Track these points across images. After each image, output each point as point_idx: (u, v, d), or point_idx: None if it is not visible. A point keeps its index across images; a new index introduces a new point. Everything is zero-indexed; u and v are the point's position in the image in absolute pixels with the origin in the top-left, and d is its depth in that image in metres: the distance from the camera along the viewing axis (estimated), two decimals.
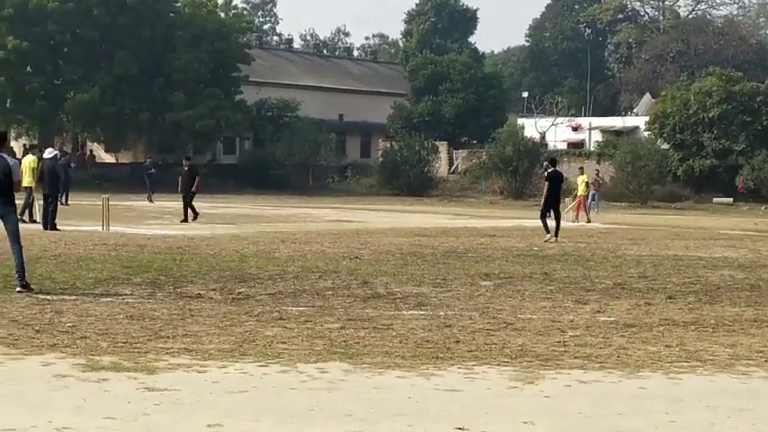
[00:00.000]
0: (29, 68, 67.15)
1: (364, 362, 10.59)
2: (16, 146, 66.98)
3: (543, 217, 29.10)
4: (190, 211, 34.17)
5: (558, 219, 29.32)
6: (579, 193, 42.21)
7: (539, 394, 9.32)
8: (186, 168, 35.67)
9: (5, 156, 16.27)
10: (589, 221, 40.32)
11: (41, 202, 29.68)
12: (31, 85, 66.64)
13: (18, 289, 15.21)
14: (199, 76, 68.99)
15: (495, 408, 8.75)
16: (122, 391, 9.06)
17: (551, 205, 29.27)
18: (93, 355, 10.59)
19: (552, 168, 31.60)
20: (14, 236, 15.75)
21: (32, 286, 15.43)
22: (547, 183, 29.99)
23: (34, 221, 29.67)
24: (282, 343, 11.54)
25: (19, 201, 21.34)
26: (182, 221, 33.32)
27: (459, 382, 9.76)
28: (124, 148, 72.77)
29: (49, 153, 31.89)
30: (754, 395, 9.52)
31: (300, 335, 12.11)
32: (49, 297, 14.87)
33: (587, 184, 43.66)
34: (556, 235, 28.49)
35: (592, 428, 8.03)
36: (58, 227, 28.34)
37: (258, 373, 9.95)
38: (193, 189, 34.23)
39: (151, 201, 50.75)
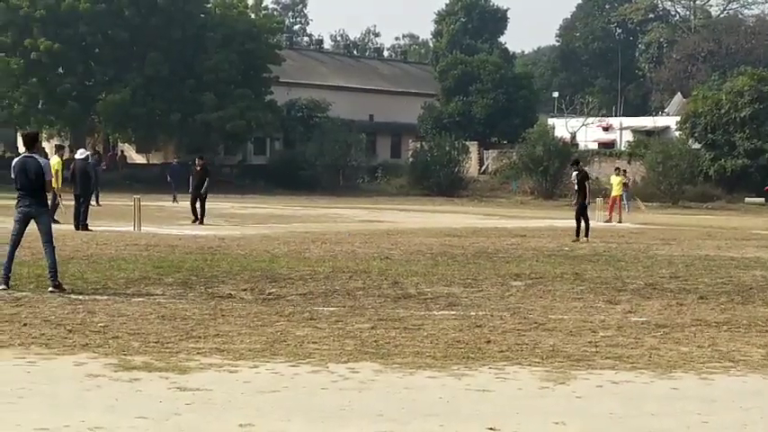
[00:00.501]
0: (60, 69, 67.45)
1: (395, 362, 10.60)
2: (48, 147, 67.52)
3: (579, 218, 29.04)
4: (195, 213, 33.94)
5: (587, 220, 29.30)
6: (614, 194, 42.03)
7: (570, 395, 9.31)
8: (198, 168, 35.46)
9: (37, 156, 16.37)
10: (621, 221, 40.20)
11: (65, 204, 29.76)
12: (62, 86, 66.92)
13: (50, 289, 15.28)
14: (229, 77, 69.14)
15: (527, 408, 8.75)
16: (154, 390, 9.11)
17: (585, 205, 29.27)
18: (125, 354, 10.64)
19: (580, 167, 31.67)
20: (47, 236, 15.84)
21: (65, 286, 15.48)
22: (578, 182, 29.95)
23: (56, 222, 29.73)
24: (313, 343, 11.55)
25: None
26: (192, 222, 33.17)
27: (491, 382, 9.76)
28: (155, 148, 73.04)
29: (80, 154, 31.95)
30: None
31: (331, 335, 12.12)
32: (81, 297, 14.91)
33: (625, 184, 43.55)
34: (578, 234, 28.54)
35: (623, 429, 8.02)
36: (89, 227, 28.45)
37: (289, 373, 9.97)
38: (203, 190, 33.79)
39: (175, 201, 50.74)
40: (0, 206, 34.90)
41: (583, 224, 28.78)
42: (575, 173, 31.14)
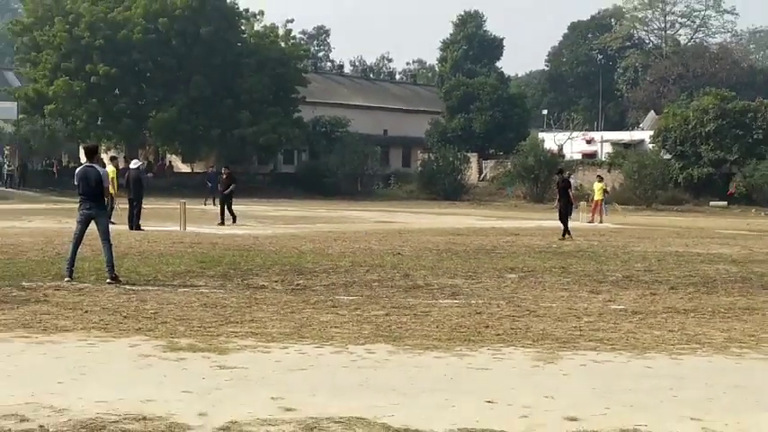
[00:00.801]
0: (117, 91, 67.60)
1: (406, 344, 10.61)
2: (106, 157, 67.54)
3: (563, 218, 29.01)
4: (225, 214, 33.47)
5: (565, 219, 29.27)
6: (596, 198, 42.03)
7: (558, 372, 9.33)
8: (224, 176, 35.35)
9: (97, 166, 16.45)
10: (602, 222, 40.12)
11: (120, 207, 29.81)
12: (118, 105, 67.15)
13: (108, 281, 15.34)
14: (262, 97, 69.25)
15: (520, 384, 8.75)
16: (198, 368, 9.13)
17: (568, 207, 29.26)
18: (172, 337, 10.67)
19: (563, 174, 31.71)
20: (105, 235, 15.89)
21: (120, 278, 15.54)
22: (560, 187, 29.92)
23: (112, 223, 29.74)
24: (335, 327, 11.57)
25: None
26: (219, 224, 32.66)
27: (489, 361, 9.78)
28: (198, 159, 73.10)
29: (134, 164, 32.13)
30: (747, 373, 9.49)
31: (351, 320, 12.14)
32: (134, 288, 14.96)
33: (605, 190, 43.50)
34: (567, 233, 28.49)
35: (604, 402, 7.99)
36: (142, 227, 28.49)
37: (314, 354, 9.98)
38: (227, 192, 33.62)
39: (212, 204, 50.23)
40: (65, 209, 35.06)
41: (562, 223, 28.80)
42: (558, 180, 31.11)
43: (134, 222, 28.67)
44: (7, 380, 8.43)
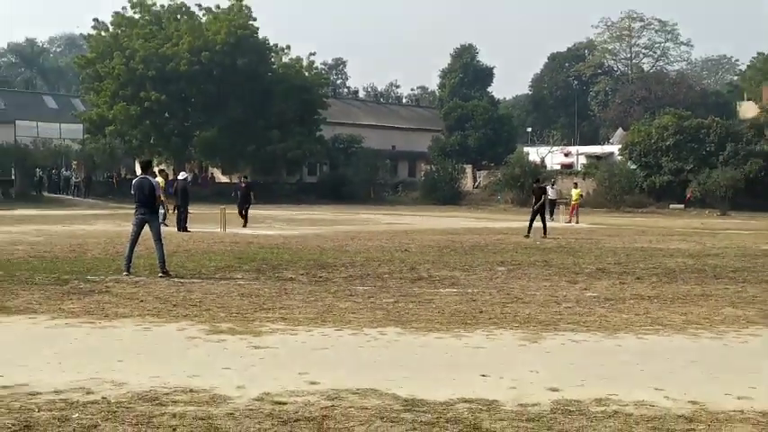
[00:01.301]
0: (166, 114, 67.72)
1: (412, 327, 10.62)
2: (156, 170, 67.74)
3: (533, 219, 28.92)
4: (244, 219, 32.62)
5: (543, 220, 29.23)
6: (573, 202, 42.00)
7: (541, 350, 9.35)
8: (243, 186, 35.02)
9: (150, 178, 16.52)
10: (578, 222, 40.05)
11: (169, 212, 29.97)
12: (167, 126, 67.32)
13: (160, 275, 15.38)
14: (289, 119, 69.29)
15: (509, 360, 8.77)
16: (236, 348, 9.16)
17: (541, 211, 29.18)
18: (214, 322, 10.69)
19: (539, 183, 31.68)
20: (157, 236, 15.93)
21: (170, 273, 15.56)
22: (535, 194, 29.81)
23: (165, 225, 29.74)
24: (352, 313, 11.59)
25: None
26: (243, 226, 31.79)
27: (483, 341, 9.79)
28: (236, 171, 73.08)
29: (182, 176, 32.24)
30: (702, 351, 9.49)
31: (365, 307, 12.15)
32: (182, 280, 14.98)
33: (581, 195, 43.47)
34: (545, 232, 28.41)
35: (580, 375, 8.01)
36: (188, 229, 28.53)
37: (335, 336, 10.01)
38: (249, 203, 33.03)
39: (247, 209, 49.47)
40: (122, 214, 35.11)
41: (542, 222, 28.70)
42: (534, 188, 30.92)
43: (182, 225, 28.73)
44: (75, 359, 8.47)
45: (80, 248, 21.28)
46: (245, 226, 31.45)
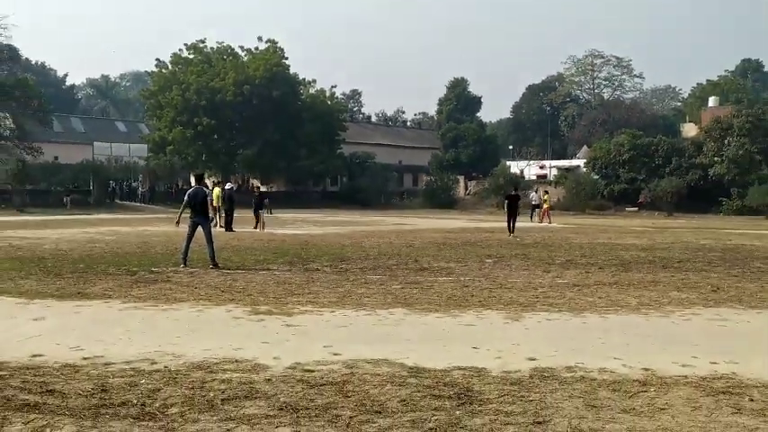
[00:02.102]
0: (215, 136, 67.69)
1: (416, 308, 10.60)
2: (208, 182, 68.20)
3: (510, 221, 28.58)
4: (260, 221, 30.80)
5: (514, 222, 28.49)
6: (545, 206, 41.91)
7: (522, 327, 9.32)
8: (258, 194, 33.19)
9: (203, 188, 16.58)
10: (550, 222, 39.96)
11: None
12: (216, 146, 67.37)
13: (211, 267, 15.40)
14: (315, 139, 69.25)
15: (496, 336, 8.75)
16: (273, 326, 9.17)
17: (514, 214, 28.75)
18: (255, 305, 10.70)
19: (513, 192, 31.54)
20: (208, 235, 15.97)
21: (219, 265, 15.59)
22: (507, 200, 29.54)
23: (215, 226, 29.57)
24: (367, 297, 11.57)
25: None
26: (254, 228, 30.10)
27: (473, 320, 9.77)
28: (271, 182, 73.25)
29: (228, 186, 32.41)
30: (653, 326, 9.46)
31: (377, 292, 12.13)
32: (228, 271, 15.00)
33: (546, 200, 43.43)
34: (512, 231, 27.91)
35: (553, 347, 7.99)
36: (234, 229, 28.56)
37: (353, 315, 10.00)
38: (262, 209, 30.95)
39: (269, 213, 47.93)
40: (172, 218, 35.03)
41: (512, 224, 28.33)
42: (509, 194, 30.58)
43: (228, 226, 28.78)
44: (142, 336, 8.50)
45: (145, 246, 21.36)
46: (255, 227, 30.62)
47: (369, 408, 5.78)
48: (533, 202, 43.61)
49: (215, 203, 29.56)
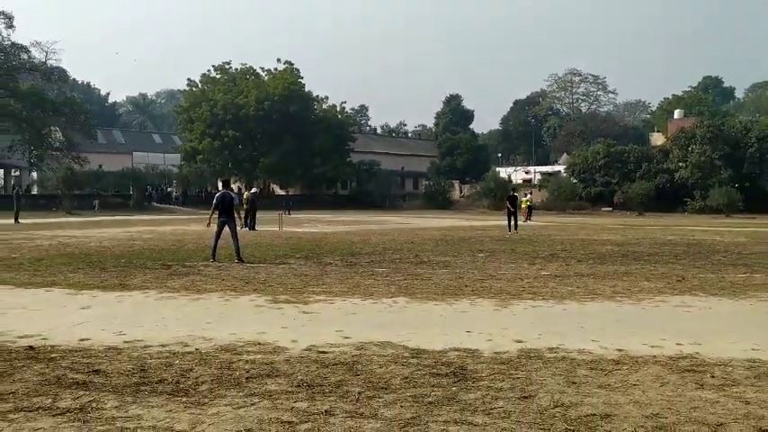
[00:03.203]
0: (239, 146, 67.88)
1: (417, 297, 10.59)
2: (234, 186, 68.40)
3: (509, 220, 28.72)
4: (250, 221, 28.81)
5: (516, 220, 28.88)
6: (523, 207, 41.84)
7: (510, 313, 9.29)
8: (252, 196, 30.51)
9: (230, 192, 16.58)
10: (531, 220, 39.90)
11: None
12: (240, 155, 67.50)
13: (236, 261, 15.38)
14: (328, 149, 69.33)
15: (486, 321, 8.73)
16: (291, 313, 9.16)
17: (513, 213, 28.96)
18: (275, 295, 10.69)
19: (512, 193, 31.50)
20: (234, 234, 15.97)
21: (244, 260, 15.59)
22: (509, 201, 29.68)
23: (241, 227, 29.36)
24: (374, 287, 11.55)
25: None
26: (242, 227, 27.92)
27: (467, 307, 9.75)
28: (289, 187, 73.32)
29: (254, 190, 32.40)
30: (625, 313, 9.43)
31: (383, 283, 12.11)
32: (251, 265, 14.99)
33: (529, 201, 43.31)
34: (516, 228, 28.18)
35: (538, 331, 7.98)
36: (257, 228, 28.58)
37: (361, 303, 9.99)
38: (253, 210, 28.56)
39: (289, 213, 47.41)
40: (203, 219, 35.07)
41: (513, 222, 28.48)
42: (508, 196, 30.72)
43: (251, 226, 28.75)
44: (176, 322, 8.50)
45: (179, 243, 21.39)
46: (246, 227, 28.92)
47: (375, 384, 5.78)
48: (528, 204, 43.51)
49: (244, 206, 29.60)
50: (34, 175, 65.54)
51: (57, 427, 4.68)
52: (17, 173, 66.27)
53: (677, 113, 78.85)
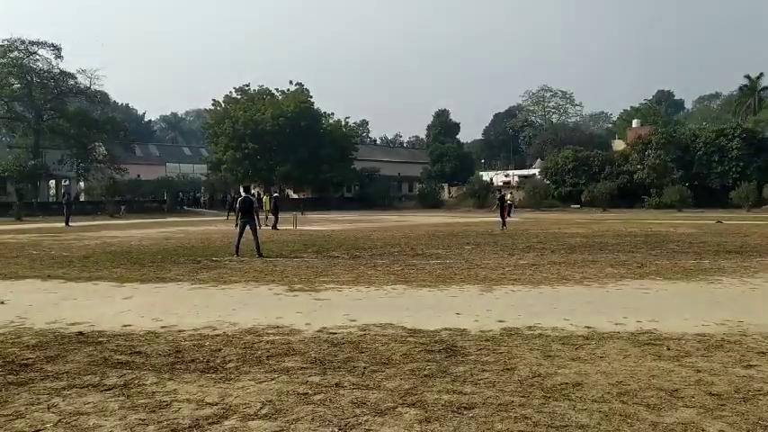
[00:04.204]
0: (258, 157, 67.67)
1: (413, 284, 10.56)
2: (254, 191, 68.33)
3: (502, 218, 28.13)
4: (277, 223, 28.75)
5: (504, 218, 28.42)
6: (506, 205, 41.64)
7: (493, 298, 9.27)
8: (234, 199, 30.53)
9: (250, 196, 16.54)
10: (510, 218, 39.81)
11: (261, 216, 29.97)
12: (259, 164, 67.23)
13: (257, 256, 15.30)
14: (334, 158, 69.16)
15: (473, 304, 8.71)
16: (304, 300, 9.14)
17: (503, 211, 28.61)
18: (291, 284, 10.67)
19: (501, 194, 31.34)
20: (255, 232, 15.91)
21: (263, 255, 15.55)
22: (499, 201, 29.47)
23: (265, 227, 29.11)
24: (376, 277, 11.52)
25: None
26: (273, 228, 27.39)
27: (456, 292, 9.72)
28: (301, 191, 73.21)
29: (275, 194, 32.31)
30: (592, 296, 9.41)
31: (383, 273, 12.09)
32: (269, 259, 14.95)
33: (510, 200, 43.10)
34: (503, 226, 27.85)
35: (517, 312, 7.97)
36: (278, 228, 28.47)
37: (365, 291, 9.96)
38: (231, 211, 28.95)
39: (302, 213, 46.56)
40: (233, 220, 35.08)
41: (501, 220, 28.21)
42: (498, 197, 30.34)
43: (273, 226, 28.61)
44: (206, 309, 8.48)
45: (207, 241, 21.34)
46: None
47: (378, 360, 5.78)
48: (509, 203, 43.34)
49: (266, 208, 29.63)
50: (81, 184, 65.54)
51: (104, 401, 4.68)
52: (67, 182, 66.18)
53: (635, 123, 78.80)
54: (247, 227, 15.99)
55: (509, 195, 43.23)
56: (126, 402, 4.63)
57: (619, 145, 77.56)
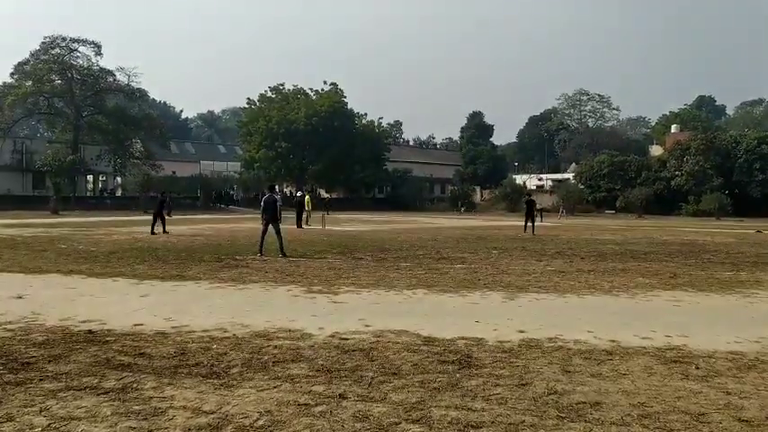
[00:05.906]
0: (291, 156, 68.12)
1: (434, 289, 10.31)
2: (286, 191, 68.80)
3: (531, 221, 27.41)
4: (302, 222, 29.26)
5: (533, 222, 27.52)
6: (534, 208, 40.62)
7: (516, 305, 8.98)
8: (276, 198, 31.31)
9: (274, 195, 16.43)
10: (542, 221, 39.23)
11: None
12: (292, 163, 67.76)
13: (279, 256, 15.21)
14: (366, 158, 69.31)
15: (495, 312, 8.42)
16: (322, 302, 8.97)
17: (531, 216, 27.82)
18: (310, 286, 10.51)
19: (529, 197, 30.59)
20: (278, 232, 15.84)
21: (287, 255, 15.43)
22: (526, 205, 28.84)
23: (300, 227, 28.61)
24: (397, 280, 11.31)
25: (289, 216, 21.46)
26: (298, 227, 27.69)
27: (478, 299, 9.45)
28: (333, 190, 73.41)
29: (299, 193, 32.35)
30: (621, 307, 9.05)
31: (406, 276, 11.86)
32: (292, 259, 14.84)
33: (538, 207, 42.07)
34: (525, 230, 27.11)
35: (540, 322, 7.66)
36: (303, 226, 28.47)
37: (384, 294, 9.75)
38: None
39: (327, 213, 46.51)
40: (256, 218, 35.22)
41: (530, 224, 27.40)
42: (526, 200, 29.72)
43: (299, 224, 28.65)
44: (220, 309, 8.36)
45: (233, 239, 21.38)
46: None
47: (387, 370, 5.53)
48: (538, 207, 42.65)
49: (307, 207, 29.85)
50: (118, 179, 66.67)
51: (98, 405, 4.52)
52: (104, 178, 67.41)
53: (674, 128, 77.16)
54: (271, 226, 15.90)
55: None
56: (120, 408, 4.46)
57: (656, 150, 76.06)
